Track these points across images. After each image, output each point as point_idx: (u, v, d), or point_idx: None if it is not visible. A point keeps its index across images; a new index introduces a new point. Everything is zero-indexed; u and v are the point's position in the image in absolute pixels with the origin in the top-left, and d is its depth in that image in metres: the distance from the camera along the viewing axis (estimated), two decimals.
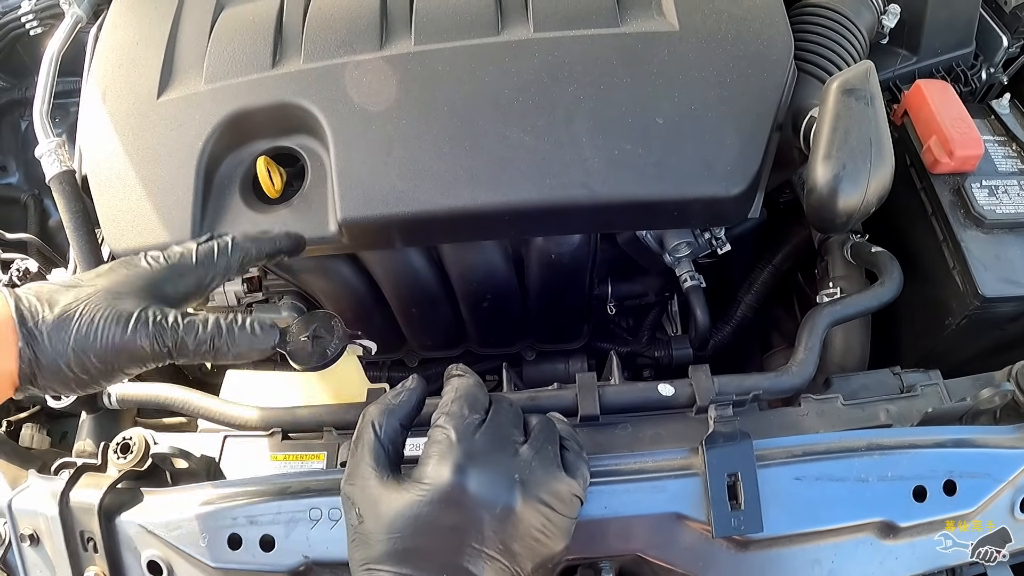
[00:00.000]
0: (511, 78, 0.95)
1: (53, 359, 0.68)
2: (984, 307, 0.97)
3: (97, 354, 0.69)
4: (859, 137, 0.84)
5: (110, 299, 0.71)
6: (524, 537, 0.68)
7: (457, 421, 0.71)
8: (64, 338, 0.69)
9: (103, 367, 0.70)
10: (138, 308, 0.71)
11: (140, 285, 0.74)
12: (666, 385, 0.89)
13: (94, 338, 0.69)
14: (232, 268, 0.80)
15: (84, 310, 0.70)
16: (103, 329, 0.69)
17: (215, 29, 1.05)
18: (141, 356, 0.71)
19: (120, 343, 0.70)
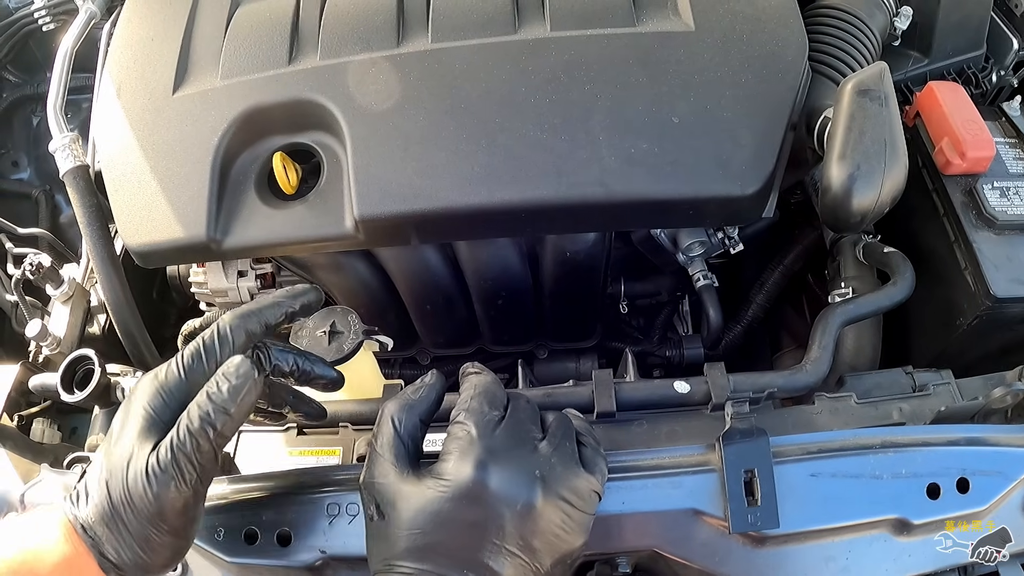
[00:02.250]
0: (528, 76, 0.95)
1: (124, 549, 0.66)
2: (995, 307, 0.97)
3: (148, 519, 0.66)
4: (874, 137, 0.84)
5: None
6: (544, 533, 0.68)
7: (477, 417, 0.71)
8: (121, 528, 0.66)
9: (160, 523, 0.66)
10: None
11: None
12: (682, 382, 0.90)
13: (136, 512, 0.65)
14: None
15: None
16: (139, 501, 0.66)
17: (231, 25, 1.05)
18: (176, 500, 0.67)
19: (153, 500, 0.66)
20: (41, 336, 1.08)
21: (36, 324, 1.07)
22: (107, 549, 0.66)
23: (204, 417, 0.66)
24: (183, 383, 0.69)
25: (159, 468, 0.65)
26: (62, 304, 1.15)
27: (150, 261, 0.99)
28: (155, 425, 0.67)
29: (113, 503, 0.66)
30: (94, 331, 1.16)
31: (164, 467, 0.65)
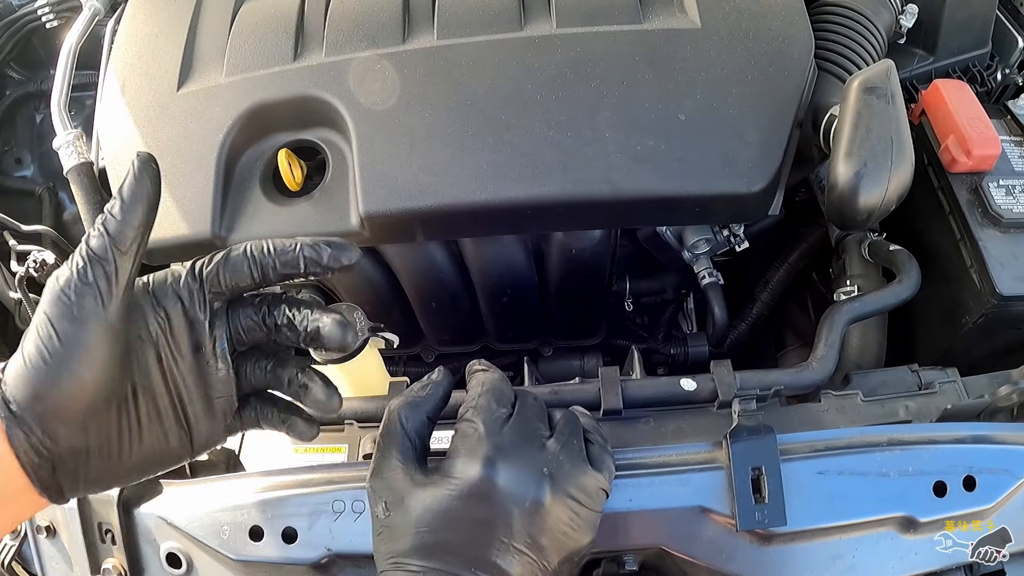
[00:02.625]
0: (534, 73, 0.95)
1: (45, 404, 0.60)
2: (1001, 305, 0.97)
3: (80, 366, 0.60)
4: (880, 135, 0.84)
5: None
6: (552, 531, 0.68)
7: (485, 415, 0.71)
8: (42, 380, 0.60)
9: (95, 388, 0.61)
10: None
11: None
12: (688, 380, 0.90)
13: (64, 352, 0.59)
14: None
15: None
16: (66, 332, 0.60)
17: (236, 21, 1.05)
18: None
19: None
20: None
21: None
22: (4, 377, 0.61)
23: (100, 223, 0.62)
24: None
25: (61, 288, 0.60)
26: None
27: (154, 258, 0.99)
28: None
29: (24, 339, 0.61)
30: None
31: (65, 289, 0.60)
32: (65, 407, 0.60)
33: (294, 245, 0.67)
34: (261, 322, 0.69)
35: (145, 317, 0.65)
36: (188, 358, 0.67)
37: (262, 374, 0.72)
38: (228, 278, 0.67)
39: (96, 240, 0.61)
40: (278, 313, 0.69)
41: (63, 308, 0.59)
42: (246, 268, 0.67)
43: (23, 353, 0.60)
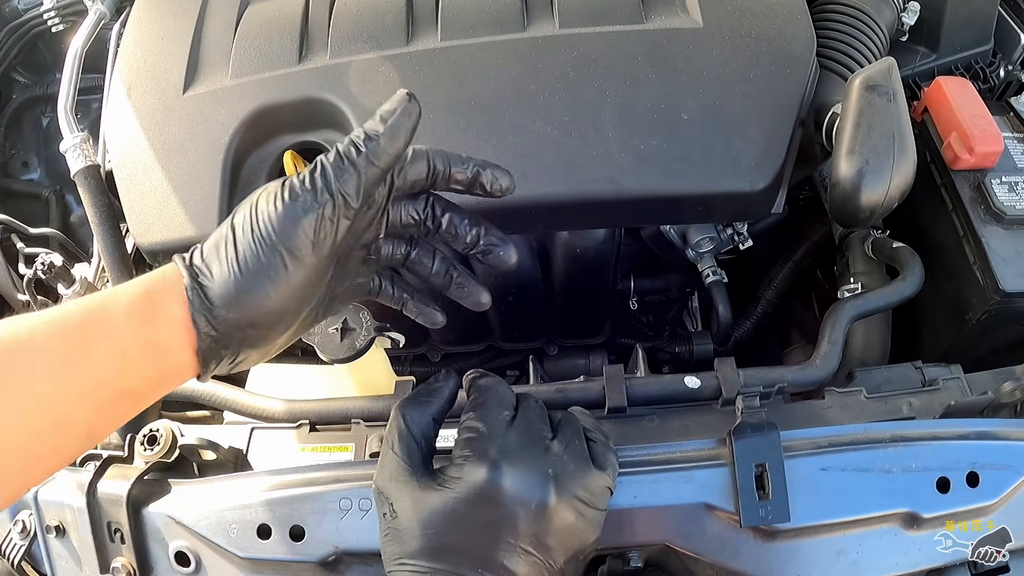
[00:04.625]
0: (537, 74, 0.95)
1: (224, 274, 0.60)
2: (1004, 302, 0.97)
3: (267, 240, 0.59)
4: (882, 132, 0.85)
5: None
6: (558, 531, 0.68)
7: (489, 418, 0.71)
8: (225, 248, 0.60)
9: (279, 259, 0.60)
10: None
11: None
12: (692, 377, 0.90)
13: (256, 233, 0.60)
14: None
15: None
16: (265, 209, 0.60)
17: (241, 24, 1.06)
18: (307, 227, 0.60)
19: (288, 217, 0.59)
20: None
21: None
22: (203, 276, 0.60)
23: (352, 138, 0.62)
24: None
25: (293, 185, 0.61)
26: None
27: (161, 260, 1.00)
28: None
29: (232, 226, 0.61)
30: None
31: (297, 186, 0.61)
32: (270, 318, 0.62)
33: (468, 160, 0.71)
34: (423, 220, 0.72)
35: (345, 230, 0.65)
36: (359, 252, 0.70)
37: (403, 256, 0.74)
38: (407, 176, 0.68)
39: (346, 167, 0.61)
40: (444, 217, 0.72)
41: (292, 222, 0.59)
42: (424, 169, 0.69)
43: (238, 263, 0.59)
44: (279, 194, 0.60)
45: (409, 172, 0.68)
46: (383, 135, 0.62)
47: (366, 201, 0.63)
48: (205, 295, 0.60)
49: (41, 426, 0.57)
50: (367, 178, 0.62)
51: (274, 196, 0.60)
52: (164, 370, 0.61)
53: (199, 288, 0.60)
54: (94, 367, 0.57)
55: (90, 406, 0.58)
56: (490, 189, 0.71)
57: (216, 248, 0.61)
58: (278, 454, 0.94)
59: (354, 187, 0.61)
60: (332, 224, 0.61)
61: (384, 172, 0.63)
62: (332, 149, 0.62)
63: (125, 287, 0.61)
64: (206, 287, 0.60)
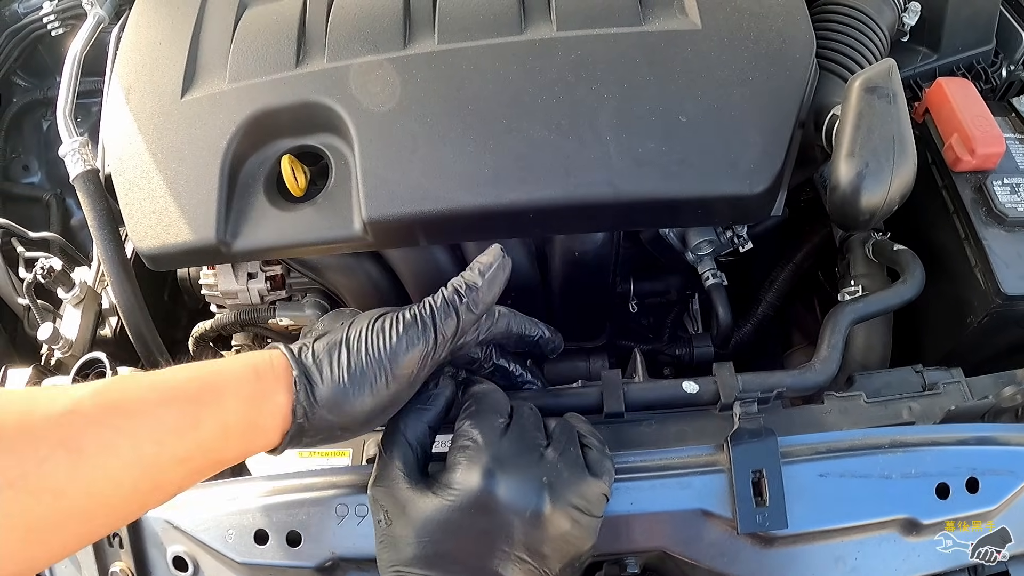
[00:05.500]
0: (535, 77, 0.95)
1: (331, 379, 0.69)
2: (1006, 305, 0.97)
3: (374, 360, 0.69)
4: (882, 135, 0.84)
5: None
6: (553, 539, 0.68)
7: (483, 425, 0.71)
8: (337, 357, 0.69)
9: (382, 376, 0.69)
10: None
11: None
12: (690, 383, 0.90)
13: (365, 350, 0.69)
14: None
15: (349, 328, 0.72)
16: (377, 336, 0.70)
17: (238, 29, 1.05)
18: (410, 355, 0.70)
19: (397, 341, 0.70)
20: (53, 339, 1.08)
21: (48, 327, 1.08)
22: (313, 374, 0.68)
23: (455, 287, 0.73)
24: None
25: (406, 319, 0.71)
26: (73, 307, 1.15)
27: (160, 264, 1.00)
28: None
29: (346, 339, 0.70)
30: (105, 334, 1.17)
31: (409, 320, 0.71)
32: (349, 424, 0.70)
33: (537, 327, 0.88)
34: (481, 360, 0.86)
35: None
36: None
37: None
38: (492, 331, 0.82)
39: (452, 301, 0.73)
40: (495, 361, 0.88)
41: (408, 344, 0.70)
42: (505, 329, 0.84)
43: (346, 377, 0.68)
44: (394, 324, 0.70)
45: (495, 329, 0.81)
46: (482, 287, 0.74)
47: (460, 338, 0.74)
48: (312, 394, 0.68)
49: (139, 484, 0.62)
50: (464, 322, 0.72)
51: (390, 323, 0.70)
52: (254, 447, 0.68)
53: (308, 387, 0.68)
54: (199, 438, 0.64)
55: (186, 472, 0.64)
56: (544, 351, 0.90)
57: (329, 353, 0.69)
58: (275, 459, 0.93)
59: (453, 329, 0.72)
60: (431, 356, 0.71)
61: (479, 318, 0.75)
62: (439, 293, 0.74)
63: (233, 364, 0.68)
64: (315, 387, 0.68)
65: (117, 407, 0.61)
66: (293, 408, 0.67)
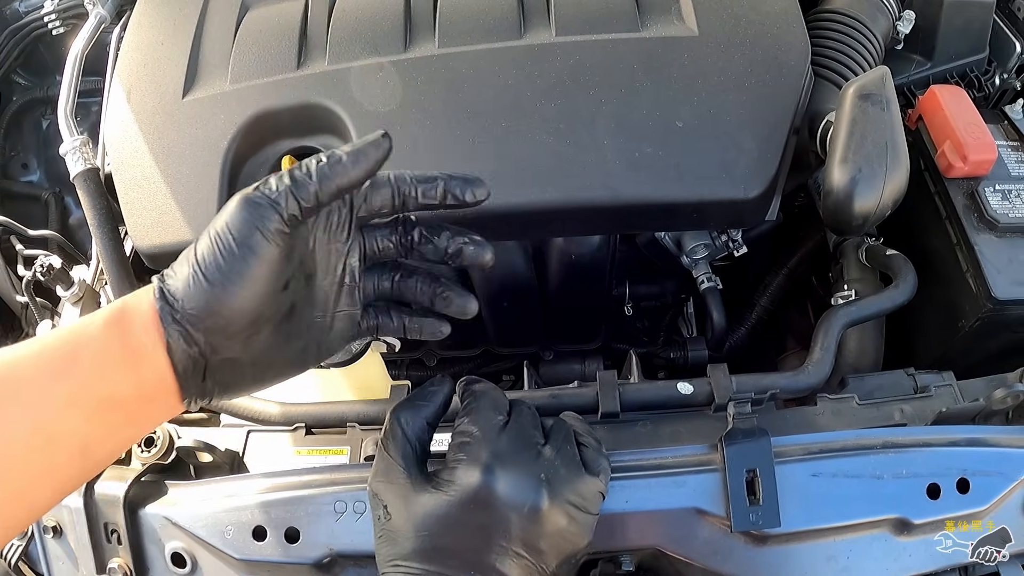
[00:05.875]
0: (533, 81, 0.96)
1: (204, 305, 0.61)
2: (997, 309, 0.98)
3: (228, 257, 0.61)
4: (875, 141, 0.85)
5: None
6: (550, 535, 0.69)
7: (482, 423, 0.72)
8: (191, 258, 0.62)
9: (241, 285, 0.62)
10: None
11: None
12: (685, 383, 0.91)
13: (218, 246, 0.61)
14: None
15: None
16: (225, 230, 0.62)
17: (240, 30, 1.06)
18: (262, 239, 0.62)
19: (244, 231, 0.61)
20: None
21: (46, 325, 1.08)
22: (170, 276, 0.63)
23: (318, 159, 0.65)
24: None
25: (251, 193, 0.63)
26: (72, 305, 1.16)
27: (160, 263, 1.00)
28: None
29: (196, 242, 0.63)
30: None
31: (257, 192, 0.63)
32: (234, 322, 0.63)
33: (435, 176, 0.72)
34: (398, 243, 0.74)
35: (303, 237, 0.68)
36: (330, 276, 0.71)
37: (389, 285, 0.76)
38: (372, 203, 0.70)
39: (303, 175, 0.64)
40: (415, 235, 0.74)
41: (248, 222, 0.61)
42: (389, 195, 0.71)
43: (197, 263, 0.62)
44: (238, 198, 0.63)
45: (374, 199, 0.70)
46: (348, 156, 0.65)
47: (316, 210, 0.65)
48: (169, 292, 0.62)
49: (31, 440, 0.58)
50: (323, 190, 0.64)
51: (235, 200, 0.63)
52: (143, 376, 0.62)
53: (164, 287, 0.62)
54: (79, 373, 0.60)
55: (79, 416, 0.60)
56: (464, 200, 0.72)
57: (184, 255, 0.64)
58: (274, 457, 0.94)
59: (308, 193, 0.63)
60: (281, 224, 0.62)
61: (339, 191, 0.65)
62: (299, 165, 0.65)
63: (105, 307, 0.64)
64: (170, 285, 0.62)
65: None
66: (159, 314, 0.61)
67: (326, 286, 0.71)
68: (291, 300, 0.67)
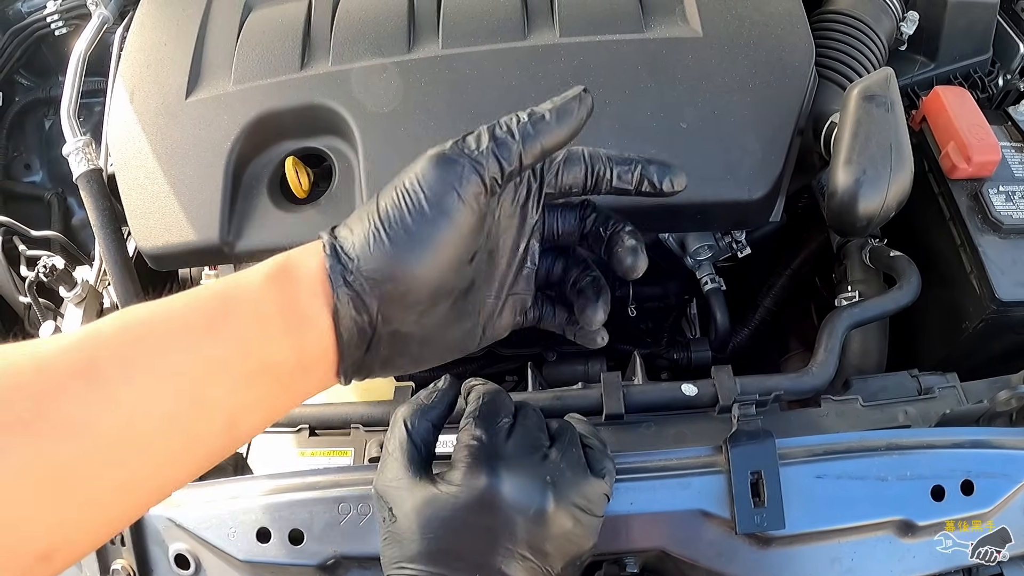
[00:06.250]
0: (537, 82, 0.96)
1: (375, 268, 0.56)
2: (1001, 311, 0.97)
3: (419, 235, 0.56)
4: (879, 142, 0.85)
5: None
6: (556, 538, 0.69)
7: (488, 425, 0.72)
8: (371, 214, 0.57)
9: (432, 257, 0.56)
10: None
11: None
12: (689, 385, 0.91)
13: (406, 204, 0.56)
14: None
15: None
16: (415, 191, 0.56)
17: (243, 31, 1.06)
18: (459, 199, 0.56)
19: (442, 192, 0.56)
20: None
21: (49, 326, 1.08)
22: (345, 233, 0.57)
23: (518, 117, 0.59)
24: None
25: (446, 150, 0.58)
26: (75, 306, 1.16)
27: (163, 263, 1.00)
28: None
29: (381, 191, 0.58)
30: None
31: (453, 150, 0.57)
32: (415, 291, 0.57)
33: (631, 159, 0.67)
34: (579, 227, 0.70)
35: (492, 208, 0.62)
36: (510, 254, 0.67)
37: (559, 272, 0.73)
38: (564, 179, 0.66)
39: (505, 133, 0.59)
40: (597, 223, 0.70)
41: (444, 181, 0.56)
42: (583, 173, 0.66)
43: (380, 219, 0.56)
44: (432, 153, 0.58)
45: (567, 175, 0.66)
46: (551, 114, 0.60)
47: (517, 174, 0.60)
48: (343, 249, 0.57)
49: (175, 407, 0.52)
50: (527, 151, 0.58)
51: (428, 155, 0.57)
52: (303, 343, 0.56)
53: (337, 244, 0.57)
54: (232, 333, 0.54)
55: (229, 383, 0.54)
56: (661, 188, 0.68)
57: (362, 210, 0.58)
58: (277, 458, 0.94)
59: (512, 153, 0.58)
60: (481, 187, 0.57)
61: (543, 153, 0.59)
62: (497, 123, 0.59)
63: (266, 260, 0.58)
64: (343, 241, 0.57)
65: (135, 323, 0.52)
66: (328, 273, 0.56)
67: (504, 264, 0.67)
68: (472, 275, 0.62)
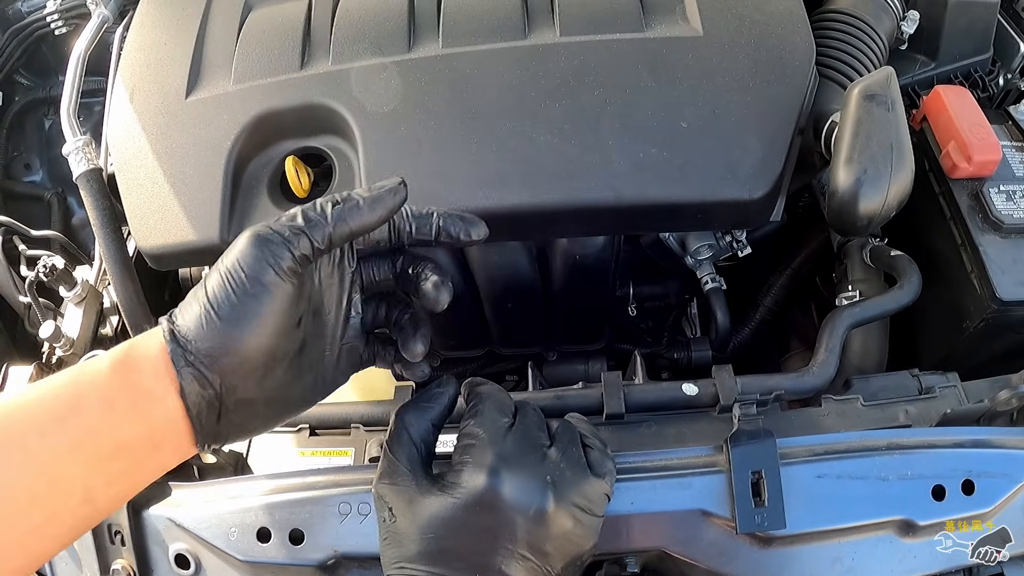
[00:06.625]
0: (538, 81, 0.96)
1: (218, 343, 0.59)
2: (1001, 310, 0.97)
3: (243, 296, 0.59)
4: (880, 142, 0.85)
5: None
6: (556, 537, 0.69)
7: (488, 424, 0.72)
8: (200, 296, 0.60)
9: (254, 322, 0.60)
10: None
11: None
12: (690, 385, 0.91)
13: (229, 285, 0.59)
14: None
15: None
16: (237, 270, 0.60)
17: (243, 30, 1.06)
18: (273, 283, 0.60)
19: (255, 272, 0.59)
20: (54, 337, 1.09)
21: (49, 325, 1.08)
22: (180, 316, 0.61)
23: (333, 200, 0.64)
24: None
25: (263, 230, 0.61)
26: (75, 306, 1.16)
27: (163, 263, 1.00)
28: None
29: (207, 272, 0.62)
30: (106, 332, 1.17)
31: (265, 238, 0.61)
32: (250, 359, 0.61)
33: (431, 213, 0.72)
34: (392, 273, 0.74)
35: (311, 273, 0.67)
36: (335, 309, 0.71)
37: (382, 316, 0.76)
38: (372, 236, 0.70)
39: (319, 216, 0.63)
40: (406, 264, 0.74)
41: (260, 259, 0.60)
42: (387, 229, 0.70)
43: (208, 301, 0.60)
44: (249, 234, 0.61)
45: (373, 233, 0.70)
46: (364, 201, 0.65)
47: (327, 251, 0.64)
48: (180, 333, 0.60)
49: (33, 488, 0.56)
50: (336, 233, 0.63)
51: (245, 236, 0.61)
52: (152, 422, 0.60)
53: (175, 328, 0.60)
54: (82, 419, 0.58)
55: (82, 461, 0.58)
56: (459, 238, 0.72)
57: (192, 294, 0.62)
58: (278, 458, 0.94)
59: (323, 235, 0.62)
60: (294, 263, 0.61)
61: (352, 235, 0.65)
62: (312, 204, 0.64)
63: (113, 348, 0.62)
64: (178, 326, 0.60)
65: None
66: (170, 356, 0.59)
67: (332, 320, 0.71)
68: (303, 335, 0.66)
